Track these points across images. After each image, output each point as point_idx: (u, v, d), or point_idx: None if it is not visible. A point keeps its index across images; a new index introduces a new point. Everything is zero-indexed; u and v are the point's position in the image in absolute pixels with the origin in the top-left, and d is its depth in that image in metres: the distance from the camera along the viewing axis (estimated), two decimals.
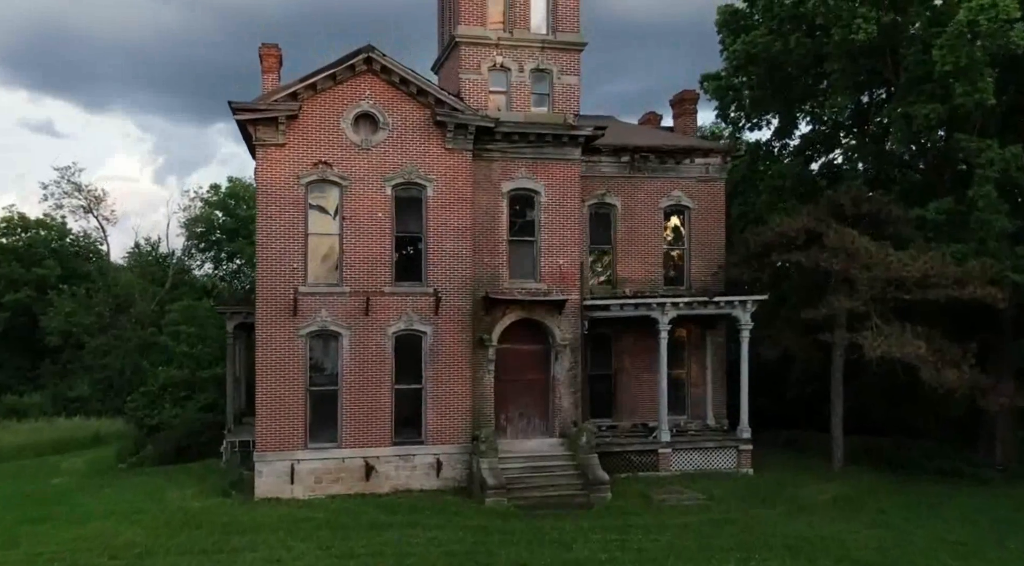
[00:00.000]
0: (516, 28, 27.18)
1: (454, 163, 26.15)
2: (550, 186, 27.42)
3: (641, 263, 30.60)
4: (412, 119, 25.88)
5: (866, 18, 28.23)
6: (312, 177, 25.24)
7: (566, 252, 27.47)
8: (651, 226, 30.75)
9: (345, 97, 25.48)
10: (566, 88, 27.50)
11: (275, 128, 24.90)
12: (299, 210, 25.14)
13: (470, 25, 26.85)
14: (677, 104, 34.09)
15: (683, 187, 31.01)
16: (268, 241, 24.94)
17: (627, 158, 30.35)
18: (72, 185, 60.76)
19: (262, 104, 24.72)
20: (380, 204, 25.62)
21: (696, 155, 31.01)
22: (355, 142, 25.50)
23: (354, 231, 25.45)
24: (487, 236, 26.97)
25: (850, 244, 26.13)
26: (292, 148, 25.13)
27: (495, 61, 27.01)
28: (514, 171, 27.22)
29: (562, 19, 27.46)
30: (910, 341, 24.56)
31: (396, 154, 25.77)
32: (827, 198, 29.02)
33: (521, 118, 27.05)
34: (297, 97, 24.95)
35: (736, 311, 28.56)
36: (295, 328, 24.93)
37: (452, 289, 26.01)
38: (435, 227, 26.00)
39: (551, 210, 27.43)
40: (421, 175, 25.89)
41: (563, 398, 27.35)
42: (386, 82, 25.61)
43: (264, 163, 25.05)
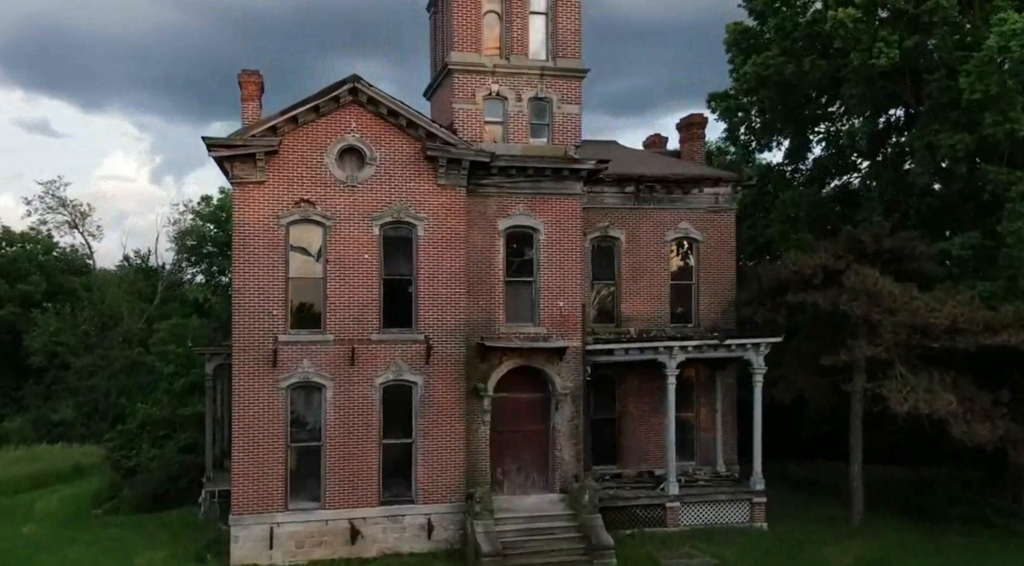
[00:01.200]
0: (513, 54, 25.34)
1: (447, 200, 24.34)
2: (550, 223, 25.59)
3: (646, 299, 28.80)
4: (401, 153, 24.06)
5: (887, 42, 26.43)
6: (293, 217, 23.43)
7: (567, 293, 25.65)
8: (657, 260, 28.95)
9: (329, 130, 23.68)
10: (567, 118, 25.66)
11: (253, 165, 23.08)
12: (279, 252, 23.33)
13: (464, 51, 25.01)
14: (684, 128, 32.24)
15: (691, 218, 29.21)
16: (245, 286, 23.12)
17: (632, 188, 28.54)
18: (56, 200, 58.77)
19: (238, 140, 22.89)
20: (367, 245, 23.81)
21: (705, 184, 29.21)
22: (340, 179, 23.68)
23: (339, 274, 23.65)
24: (482, 277, 25.16)
25: (872, 286, 24.32)
26: (272, 186, 23.32)
27: (491, 90, 25.17)
28: (511, 207, 25.39)
29: (562, 44, 25.62)
30: (940, 394, 22.76)
31: (384, 191, 23.96)
32: (846, 234, 27.20)
33: (519, 150, 25.23)
34: (277, 131, 23.14)
35: (748, 354, 26.82)
36: (275, 380, 23.12)
37: (444, 335, 24.19)
38: (426, 269, 24.20)
39: (551, 248, 25.61)
40: (411, 213, 24.08)
41: (564, 450, 25.53)
42: (373, 114, 23.80)
43: (241, 202, 23.23)
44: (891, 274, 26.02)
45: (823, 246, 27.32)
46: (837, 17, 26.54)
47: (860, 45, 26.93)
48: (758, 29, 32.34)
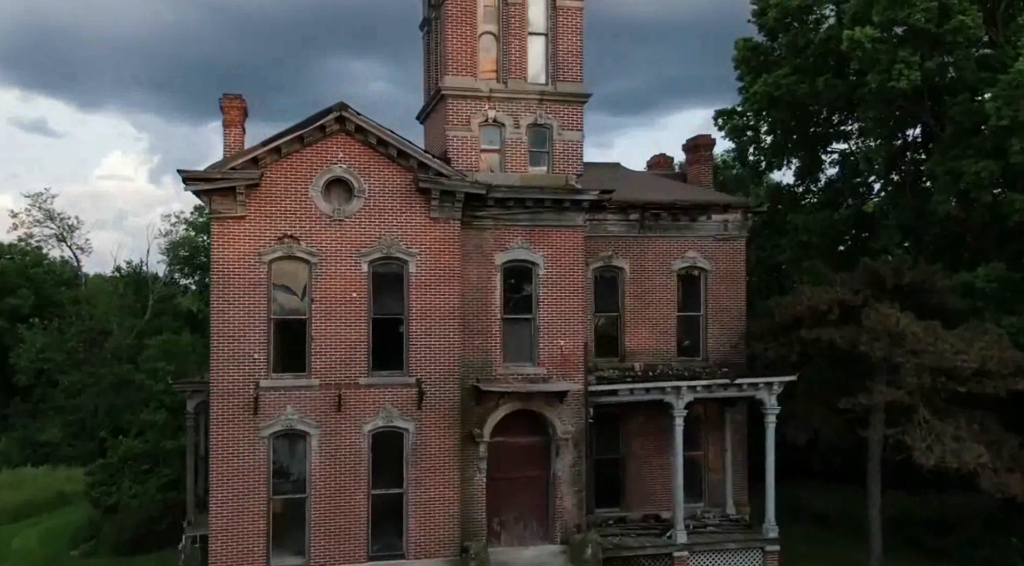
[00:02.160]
0: (511, 78, 23.83)
1: (440, 234, 22.84)
2: (550, 256, 24.09)
3: (652, 332, 27.31)
4: (392, 185, 22.57)
5: (908, 63, 24.94)
6: (276, 253, 21.94)
7: (568, 331, 24.15)
8: (663, 291, 27.45)
9: (315, 161, 22.19)
10: (567, 145, 24.15)
11: (233, 199, 21.59)
12: (261, 291, 21.84)
13: (458, 75, 23.49)
14: (691, 150, 30.72)
15: (699, 247, 27.70)
16: (224, 328, 21.62)
17: (636, 216, 27.03)
18: (44, 213, 57.26)
19: (217, 173, 21.39)
20: (355, 283, 22.32)
21: (713, 211, 27.68)
22: (326, 212, 22.19)
23: (325, 314, 22.15)
24: (478, 315, 23.66)
25: (894, 326, 22.81)
26: (253, 221, 21.83)
27: (487, 116, 23.66)
28: (509, 240, 23.89)
29: (563, 67, 24.10)
30: (969, 446, 21.24)
31: (373, 225, 22.46)
32: (864, 267, 25.68)
33: (517, 180, 23.73)
34: (259, 163, 21.64)
35: (760, 393, 25.39)
36: (256, 428, 21.63)
37: (438, 378, 22.70)
38: (418, 307, 22.70)
39: (551, 284, 24.11)
40: (402, 249, 22.58)
41: (565, 498, 24.03)
42: (362, 143, 22.31)
43: (221, 238, 21.74)
44: (911, 309, 24.57)
45: (839, 279, 25.84)
46: (854, 37, 25.04)
47: (878, 66, 25.44)
48: (768, 46, 30.80)
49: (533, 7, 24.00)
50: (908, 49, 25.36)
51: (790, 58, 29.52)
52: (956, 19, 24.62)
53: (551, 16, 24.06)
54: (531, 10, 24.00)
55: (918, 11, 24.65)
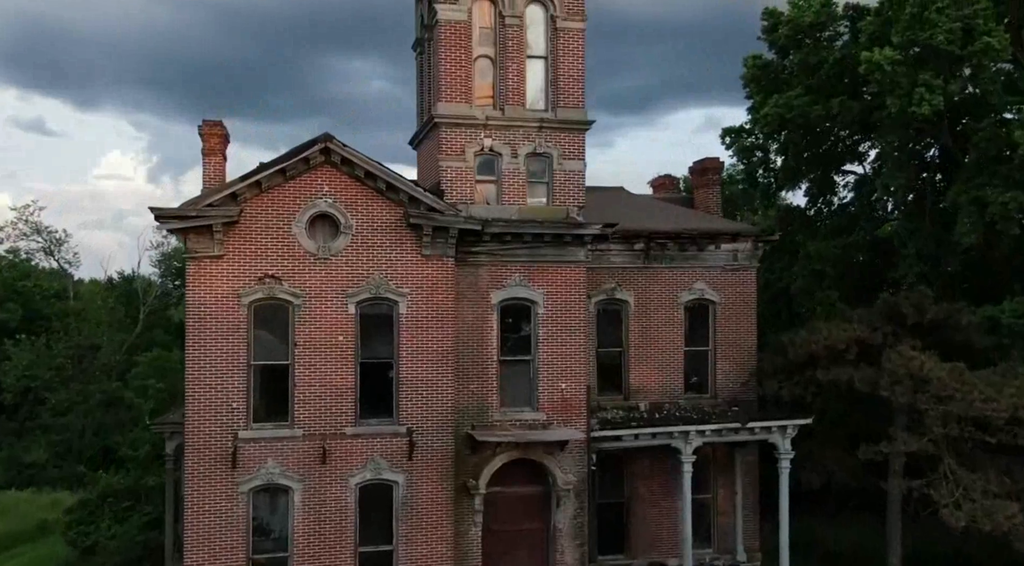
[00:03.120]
0: (508, 104, 22.36)
1: (432, 272, 21.39)
2: (550, 294, 22.65)
3: (658, 368, 25.85)
4: (380, 220, 21.13)
5: (930, 87, 23.46)
6: (257, 295, 20.48)
7: (569, 373, 22.72)
8: (669, 325, 25.99)
9: (298, 195, 20.73)
10: (568, 175, 22.70)
11: (210, 237, 20.12)
12: (240, 336, 20.38)
13: (452, 102, 22.03)
14: (699, 173, 29.24)
15: (707, 278, 26.24)
16: (201, 375, 20.18)
17: (641, 245, 25.57)
18: (30, 226, 55.79)
19: (192, 210, 19.92)
20: (341, 325, 20.87)
21: (722, 240, 26.22)
22: (310, 250, 20.73)
23: (309, 359, 20.71)
24: (473, 357, 22.23)
25: (917, 370, 21.35)
26: (232, 260, 20.37)
27: (483, 145, 22.20)
28: (506, 277, 22.44)
29: (563, 93, 22.64)
30: (1001, 504, 19.79)
31: (361, 263, 21.02)
32: (884, 303, 24.20)
33: (514, 213, 22.28)
34: (237, 198, 20.19)
35: (774, 437, 23.98)
36: (234, 483, 20.18)
37: (430, 426, 21.25)
38: (409, 351, 21.25)
39: (551, 323, 22.66)
40: (392, 288, 21.13)
41: (566, 552, 22.59)
42: (348, 176, 20.86)
43: (196, 278, 20.29)
44: (934, 346, 23.13)
45: (857, 315, 24.38)
46: (873, 59, 23.58)
47: (898, 90, 23.96)
48: (779, 63, 29.31)
49: (532, 29, 22.57)
50: (929, 72, 23.89)
51: (802, 77, 28.04)
52: (982, 40, 23.17)
53: (551, 39, 22.63)
54: (530, 32, 22.58)
55: (941, 32, 23.20)
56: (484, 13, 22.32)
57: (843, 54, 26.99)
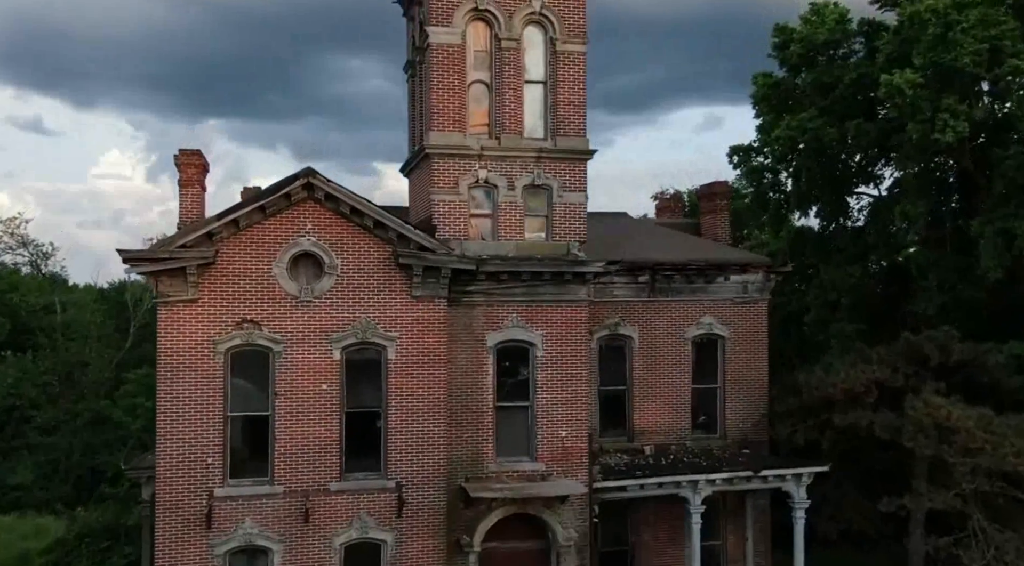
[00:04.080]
0: (505, 133, 20.90)
1: (423, 314, 19.95)
2: (549, 335, 21.21)
3: (664, 408, 24.44)
4: (368, 259, 19.69)
5: (954, 112, 21.97)
6: (234, 341, 19.03)
7: (570, 420, 21.27)
8: (676, 361, 24.58)
9: (279, 234, 19.28)
10: (568, 208, 21.25)
11: (183, 279, 18.66)
12: (216, 385, 18.94)
13: (445, 131, 20.58)
14: (706, 198, 27.81)
15: (715, 311, 24.83)
16: (173, 429, 18.74)
17: (646, 278, 24.15)
18: (16, 239, 54.36)
19: (163, 252, 18.47)
20: (325, 372, 19.42)
21: (732, 271, 24.81)
22: (292, 292, 19.29)
23: (290, 410, 19.26)
24: (467, 403, 20.80)
25: (944, 420, 19.90)
26: (207, 304, 18.92)
27: (477, 177, 20.75)
28: (503, 318, 20.99)
29: (563, 120, 21.19)
30: None
31: (347, 306, 19.58)
32: (906, 342, 22.72)
33: (511, 249, 20.84)
34: (213, 237, 18.72)
35: (788, 485, 22.55)
36: (208, 546, 18.73)
37: (420, 480, 19.82)
38: (398, 399, 19.82)
39: (551, 366, 21.22)
40: (380, 332, 19.69)
41: None
42: (333, 212, 19.41)
43: (169, 324, 18.85)
44: (959, 387, 21.76)
45: (876, 354, 22.92)
46: (893, 82, 22.11)
47: (920, 115, 22.49)
48: (790, 82, 27.84)
49: (530, 53, 21.12)
50: (953, 96, 22.43)
51: (816, 98, 26.58)
52: (1009, 63, 21.72)
53: (550, 62, 21.18)
54: (528, 56, 21.13)
55: (966, 54, 21.75)
56: (479, 36, 20.88)
57: (859, 74, 25.49)
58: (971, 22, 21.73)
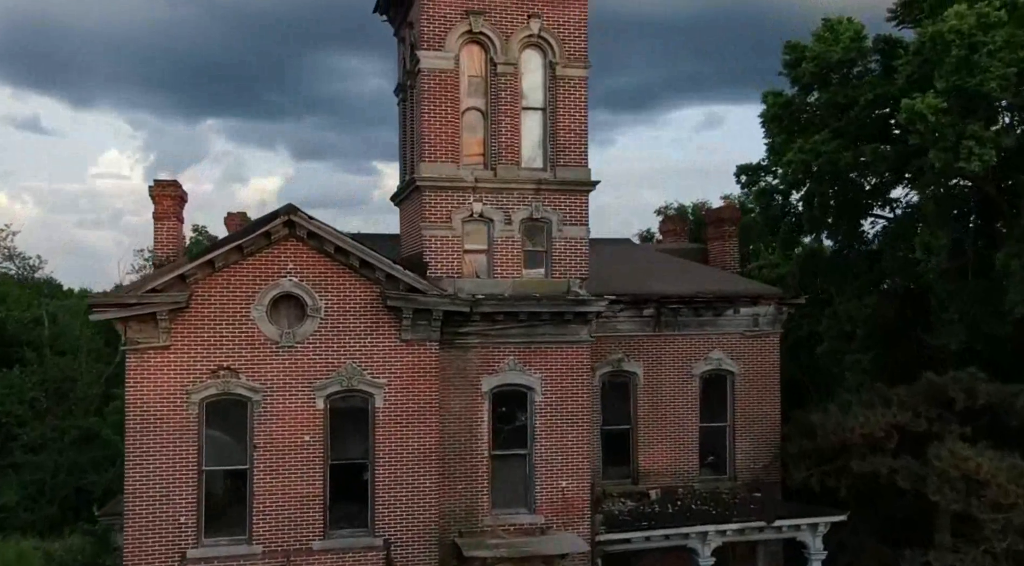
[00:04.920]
0: (501, 163, 19.56)
1: (413, 359, 18.63)
2: (549, 379, 19.89)
3: (670, 448, 23.15)
4: (353, 301, 18.36)
5: (980, 140, 20.60)
6: (210, 390, 17.70)
7: (571, 469, 19.96)
8: (682, 398, 23.31)
9: (258, 274, 17.94)
10: (569, 243, 19.90)
11: (154, 325, 17.31)
12: (190, 438, 17.60)
13: (437, 162, 19.23)
14: (713, 223, 26.52)
15: (724, 345, 23.55)
16: (142, 486, 17.41)
17: (651, 311, 22.86)
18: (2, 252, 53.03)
19: (132, 297, 17.12)
20: (308, 422, 18.10)
21: (742, 303, 23.51)
22: (272, 337, 17.95)
23: (270, 463, 17.94)
24: (461, 452, 19.49)
25: (973, 472, 18.57)
26: (180, 351, 17.58)
27: (472, 210, 19.40)
28: (499, 360, 19.67)
29: (563, 149, 19.86)
30: None
31: (331, 351, 18.25)
32: (929, 384, 21.38)
33: (508, 288, 19.50)
34: (187, 279, 17.36)
35: (803, 535, 21.23)
36: None
37: (410, 537, 18.50)
38: (386, 450, 18.50)
39: (550, 412, 19.91)
40: (367, 379, 18.36)
41: None
42: (316, 251, 18.08)
43: (138, 373, 17.49)
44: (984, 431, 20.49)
45: (896, 396, 21.58)
46: (915, 108, 20.75)
47: (942, 142, 21.12)
48: (802, 101, 26.49)
49: (528, 77, 19.79)
50: (978, 122, 21.08)
51: (829, 119, 25.22)
52: None
53: (549, 88, 19.83)
54: (526, 81, 19.79)
55: (992, 78, 20.40)
56: (474, 60, 19.54)
57: (876, 94, 24.14)
58: (998, 44, 20.39)
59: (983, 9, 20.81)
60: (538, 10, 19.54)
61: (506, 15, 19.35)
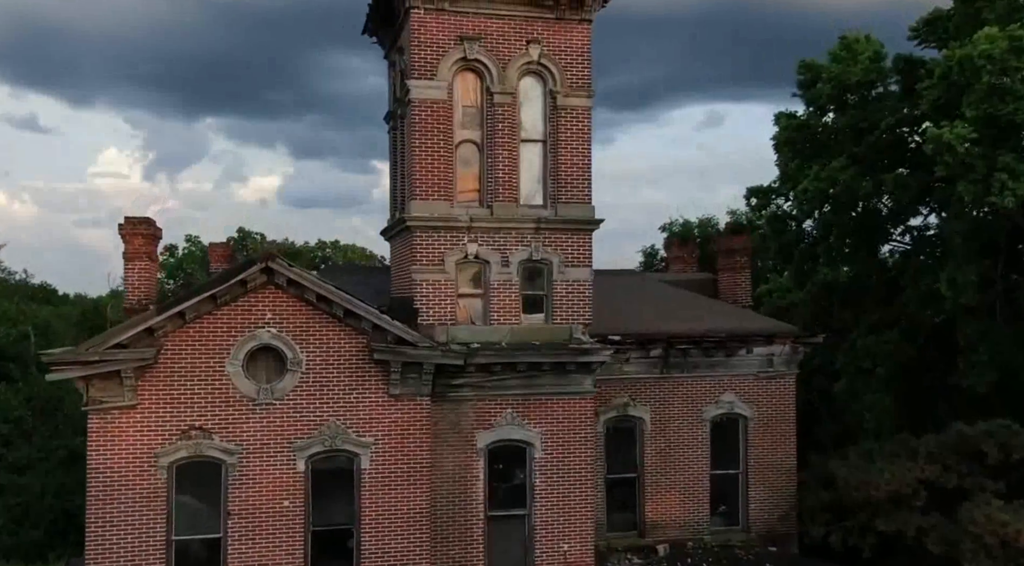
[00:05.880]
0: (498, 201, 18.08)
1: (403, 415, 17.17)
2: (549, 433, 18.42)
3: (679, 497, 21.70)
4: (338, 353, 16.90)
5: (1013, 173, 19.11)
6: (180, 453, 16.25)
7: (574, 531, 18.50)
8: (692, 444, 21.86)
9: (234, 324, 16.49)
10: (572, 287, 18.43)
11: (118, 383, 15.84)
12: (158, 505, 16.16)
13: (429, 200, 17.75)
14: (724, 253, 25.00)
15: (737, 387, 22.11)
16: (106, 559, 15.90)
17: (658, 352, 21.41)
18: None
19: (94, 353, 15.64)
20: (288, 486, 16.66)
21: (755, 343, 22.06)
22: (249, 393, 16.50)
23: (246, 531, 16.49)
24: (454, 514, 18.03)
25: (1012, 539, 17.09)
26: (147, 410, 16.13)
27: (466, 252, 17.92)
28: (496, 414, 18.20)
29: (566, 185, 18.38)
30: None
31: (313, 408, 16.81)
32: (959, 437, 19.92)
33: (506, 334, 18.04)
34: (155, 333, 15.88)
35: None
36: None
37: None
38: (373, 514, 17.06)
39: (551, 469, 18.43)
40: (352, 438, 16.90)
41: None
42: (297, 299, 16.61)
43: (102, 435, 16.05)
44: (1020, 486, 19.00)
45: (924, 447, 20.10)
46: (943, 138, 19.26)
47: (973, 174, 19.63)
48: (816, 123, 25.01)
49: (527, 108, 18.32)
50: (1010, 153, 19.59)
51: (847, 143, 23.73)
52: None
53: (551, 118, 18.36)
54: (524, 112, 18.31)
55: None
56: (468, 89, 18.05)
57: (897, 119, 22.67)
58: None
59: (1016, 32, 19.34)
60: (538, 35, 18.07)
61: (503, 41, 17.87)
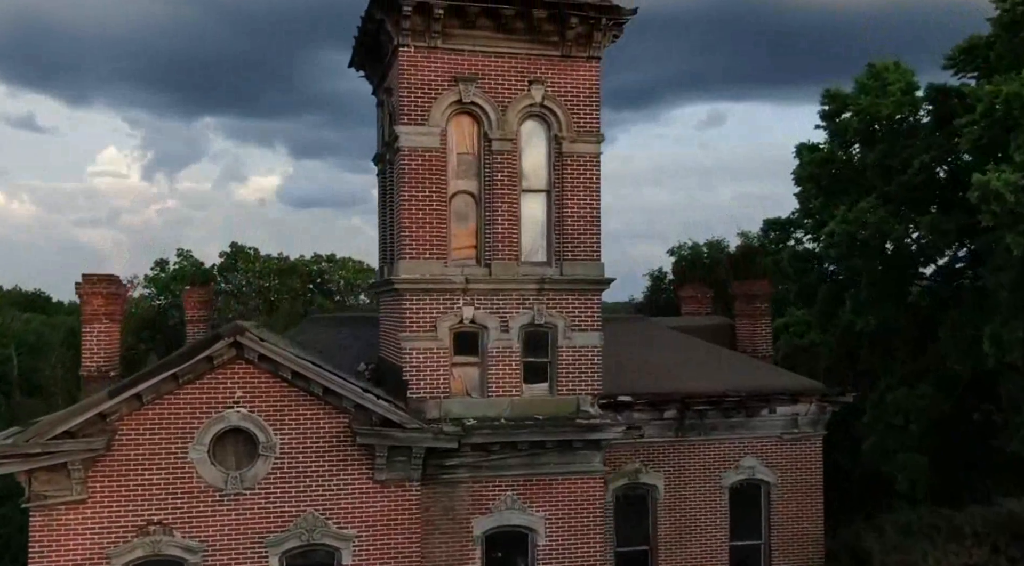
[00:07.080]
0: (497, 259, 16.17)
1: (389, 503, 15.31)
2: (554, 518, 16.52)
3: None
4: (316, 435, 15.03)
5: None
6: (135, 553, 14.39)
7: None
8: (709, 513, 20.08)
9: (198, 405, 14.62)
10: (579, 353, 16.52)
11: (66, 475, 13.96)
12: None
13: (420, 259, 15.85)
14: (743, 299, 23.15)
15: (758, 451, 20.31)
16: None
17: (673, 413, 19.57)
18: None
19: (36, 443, 13.77)
20: None
21: (779, 402, 20.22)
22: (215, 483, 14.63)
23: None
24: None
25: None
26: (98, 504, 14.28)
27: (462, 316, 16.02)
28: (494, 497, 16.29)
29: (572, 240, 16.48)
30: None
31: (288, 498, 14.95)
32: (1008, 515, 18.09)
33: (506, 409, 16.14)
34: (107, 418, 14.01)
35: None
36: None
37: None
38: None
39: (556, 557, 16.55)
40: (332, 531, 15.02)
41: None
42: (270, 376, 14.75)
43: (45, 534, 14.15)
44: None
45: (968, 523, 18.22)
46: (990, 184, 17.36)
47: (1021, 225, 17.71)
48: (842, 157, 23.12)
49: (529, 155, 16.42)
50: None
51: (876, 180, 21.83)
52: None
53: (555, 166, 16.45)
54: (526, 159, 16.41)
55: None
56: (464, 135, 16.16)
57: (931, 157, 20.78)
58: None
59: None
60: (541, 75, 16.17)
61: (503, 82, 15.97)
